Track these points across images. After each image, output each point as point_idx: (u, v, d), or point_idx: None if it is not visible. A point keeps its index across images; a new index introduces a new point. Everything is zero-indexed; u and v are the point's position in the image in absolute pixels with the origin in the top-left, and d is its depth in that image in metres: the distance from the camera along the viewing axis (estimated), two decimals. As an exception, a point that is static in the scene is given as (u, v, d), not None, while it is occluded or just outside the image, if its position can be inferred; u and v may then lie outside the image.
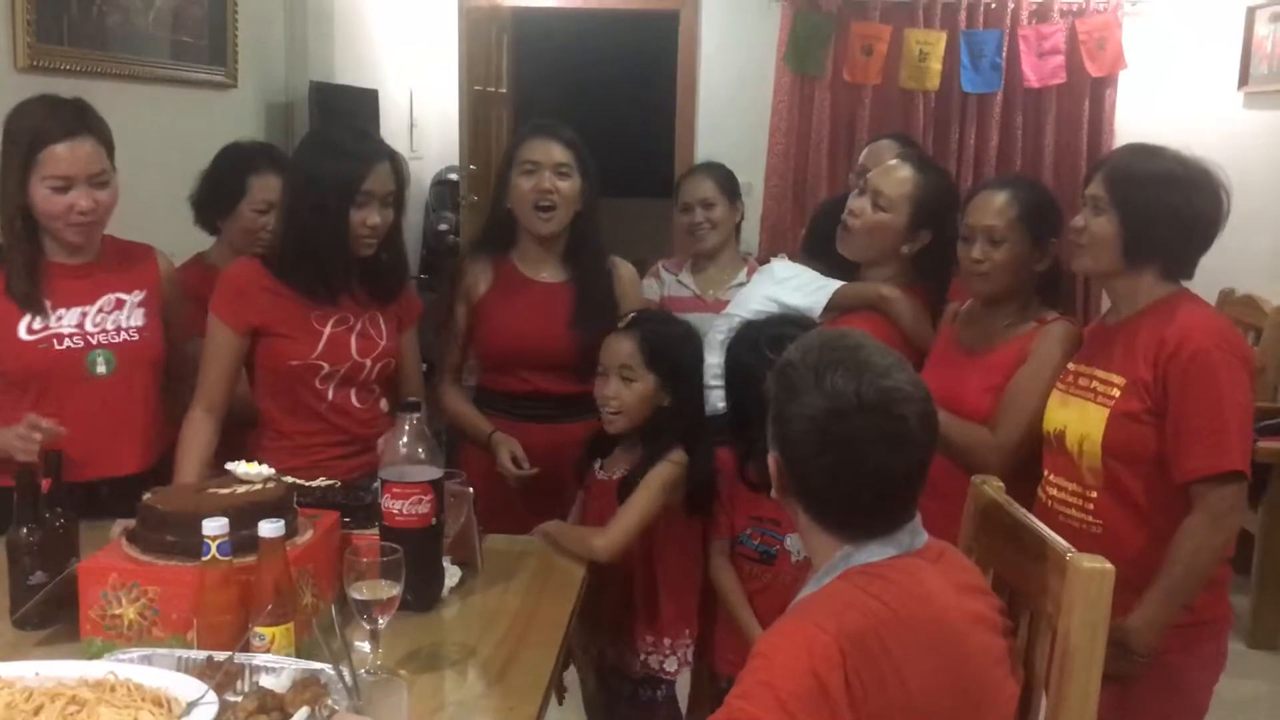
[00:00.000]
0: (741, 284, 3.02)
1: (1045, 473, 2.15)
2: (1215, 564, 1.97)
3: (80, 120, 2.16)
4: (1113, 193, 2.02)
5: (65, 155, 2.12)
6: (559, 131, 2.55)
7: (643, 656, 2.29)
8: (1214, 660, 2.06)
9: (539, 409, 2.54)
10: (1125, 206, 2.00)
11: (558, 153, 2.51)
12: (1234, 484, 1.92)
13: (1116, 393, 2.00)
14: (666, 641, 2.28)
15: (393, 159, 2.30)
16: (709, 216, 3.19)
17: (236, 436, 2.33)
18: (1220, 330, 1.98)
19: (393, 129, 5.43)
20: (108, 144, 2.21)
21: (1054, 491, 2.11)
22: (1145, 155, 2.05)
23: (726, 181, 3.26)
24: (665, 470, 2.19)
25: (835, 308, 2.51)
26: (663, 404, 2.23)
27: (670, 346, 2.26)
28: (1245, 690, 3.40)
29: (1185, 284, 2.07)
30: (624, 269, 2.69)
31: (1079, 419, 2.05)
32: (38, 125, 2.13)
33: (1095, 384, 2.05)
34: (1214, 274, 2.10)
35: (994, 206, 2.26)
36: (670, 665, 2.29)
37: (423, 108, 6.00)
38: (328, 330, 2.27)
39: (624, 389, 2.22)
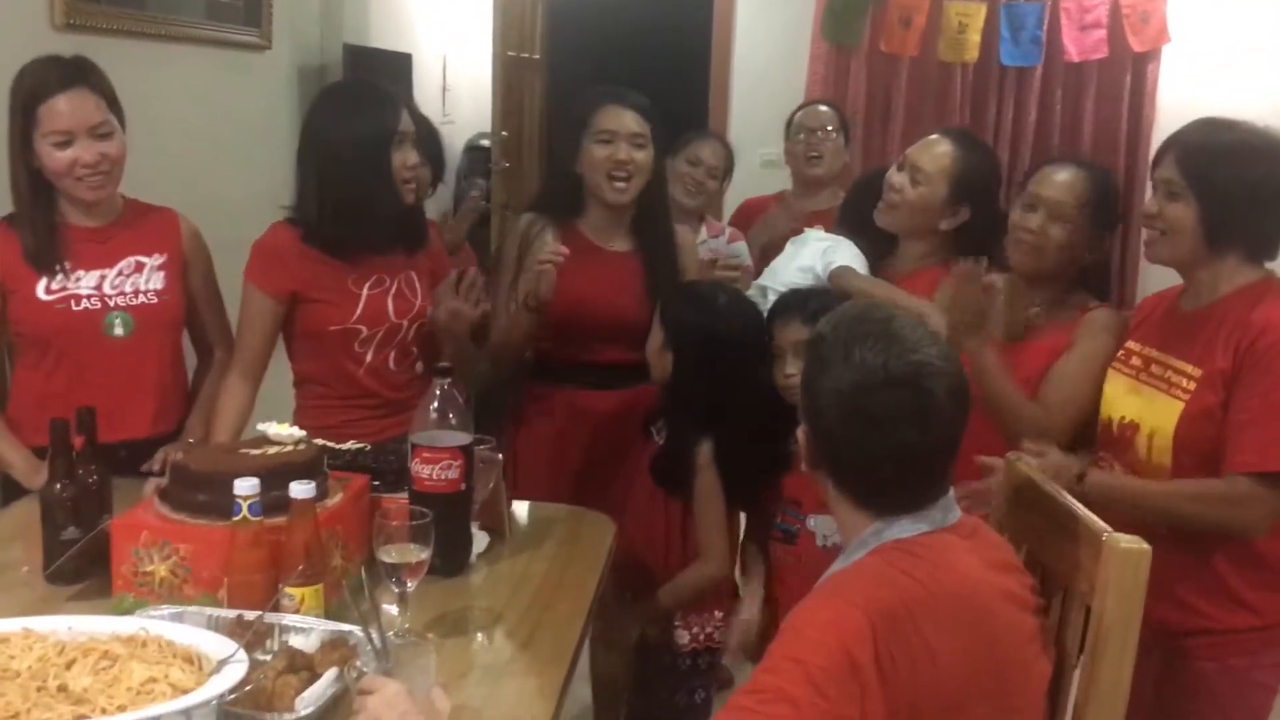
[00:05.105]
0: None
1: (1112, 465, 2.00)
2: (1203, 527, 1.85)
3: (76, 73, 2.15)
4: (1188, 174, 1.86)
5: (63, 109, 2.11)
6: (633, 99, 2.50)
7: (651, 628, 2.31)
8: None
9: (604, 377, 2.51)
10: (1203, 187, 1.85)
11: (633, 123, 2.46)
12: (1275, 487, 1.77)
13: (1192, 385, 1.87)
14: (676, 617, 2.30)
15: (405, 100, 2.32)
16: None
17: None
18: None
19: (426, 94, 5.41)
20: (108, 96, 2.19)
21: None
22: (1218, 128, 1.90)
23: None
24: (707, 478, 2.25)
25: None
26: (668, 365, 2.29)
27: (680, 310, 2.31)
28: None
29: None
30: (685, 237, 2.68)
31: (1150, 411, 1.93)
32: (34, 83, 2.12)
33: (1170, 373, 1.92)
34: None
35: (1066, 182, 2.19)
36: (682, 639, 2.31)
37: (456, 73, 5.98)
38: (365, 293, 2.28)
39: (651, 342, 2.35)
